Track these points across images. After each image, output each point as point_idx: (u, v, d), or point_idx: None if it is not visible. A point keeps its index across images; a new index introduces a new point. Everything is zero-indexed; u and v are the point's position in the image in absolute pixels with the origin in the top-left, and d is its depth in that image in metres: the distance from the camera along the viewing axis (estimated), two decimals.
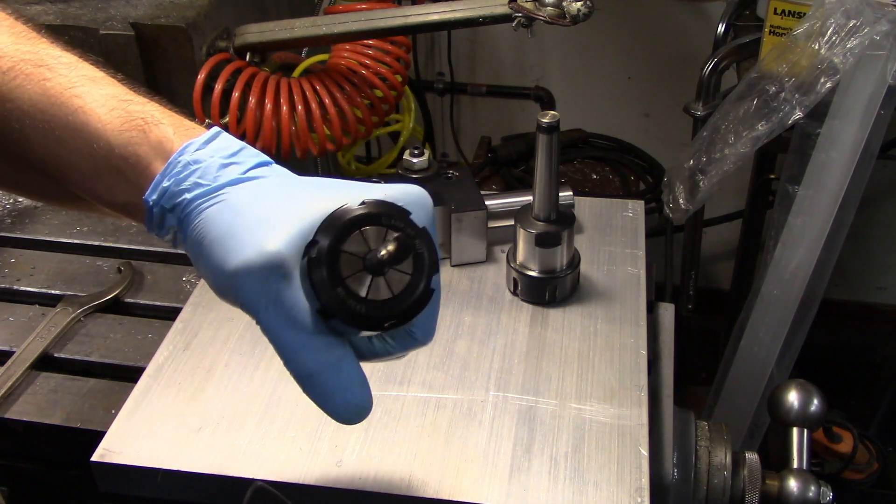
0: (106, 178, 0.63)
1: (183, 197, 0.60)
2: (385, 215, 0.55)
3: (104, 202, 0.65)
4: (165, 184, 0.61)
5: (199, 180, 0.61)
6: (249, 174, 0.62)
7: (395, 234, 0.56)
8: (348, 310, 0.54)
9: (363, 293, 0.54)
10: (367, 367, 1.02)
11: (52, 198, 0.72)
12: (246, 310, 0.59)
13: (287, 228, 0.58)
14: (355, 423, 0.63)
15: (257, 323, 0.59)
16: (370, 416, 0.94)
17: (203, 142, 0.62)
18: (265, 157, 0.64)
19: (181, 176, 0.61)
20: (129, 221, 0.67)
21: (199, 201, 0.60)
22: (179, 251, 0.65)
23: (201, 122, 1.40)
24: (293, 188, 0.62)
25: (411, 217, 0.57)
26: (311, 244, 0.54)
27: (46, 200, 0.72)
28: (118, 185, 0.63)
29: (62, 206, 0.73)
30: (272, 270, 0.57)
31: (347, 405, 0.62)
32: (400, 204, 0.58)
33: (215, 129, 0.64)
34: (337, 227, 0.55)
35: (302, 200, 0.60)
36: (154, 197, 0.61)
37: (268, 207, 0.60)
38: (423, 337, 0.66)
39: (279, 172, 0.64)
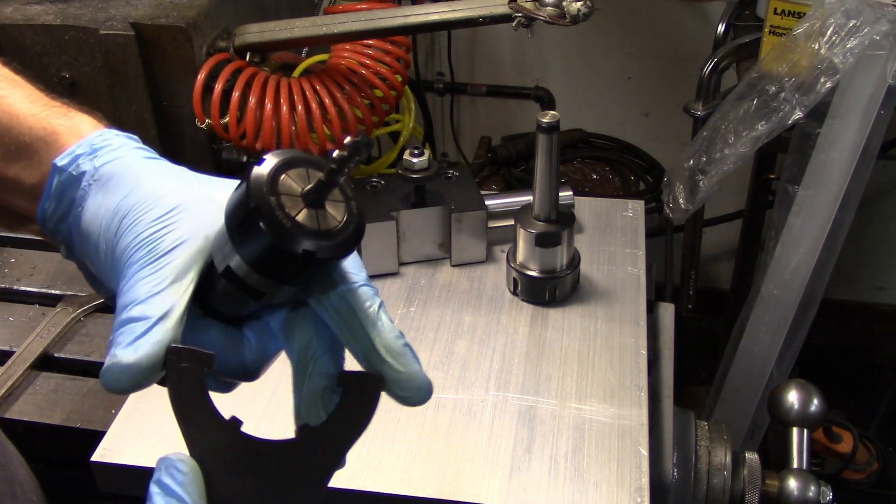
0: (19, 161, 0.63)
1: (93, 163, 0.61)
2: (334, 169, 0.52)
3: (12, 189, 0.65)
4: (78, 151, 0.61)
5: (112, 153, 0.61)
6: (159, 158, 0.63)
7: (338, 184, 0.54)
8: (274, 217, 0.50)
9: (293, 214, 0.52)
10: None
11: None
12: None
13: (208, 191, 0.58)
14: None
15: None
16: None
17: (121, 133, 0.64)
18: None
19: (95, 146, 0.61)
20: (21, 229, 0.67)
21: (106, 165, 0.60)
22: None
23: (201, 122, 1.41)
24: (201, 174, 0.63)
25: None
26: (256, 163, 0.53)
27: None
28: (30, 165, 0.63)
29: None
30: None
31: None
32: None
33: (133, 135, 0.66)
34: (287, 154, 0.54)
35: (213, 178, 0.61)
36: (64, 162, 0.61)
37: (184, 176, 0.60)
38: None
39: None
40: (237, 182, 0.56)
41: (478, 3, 1.31)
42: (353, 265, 0.58)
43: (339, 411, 0.56)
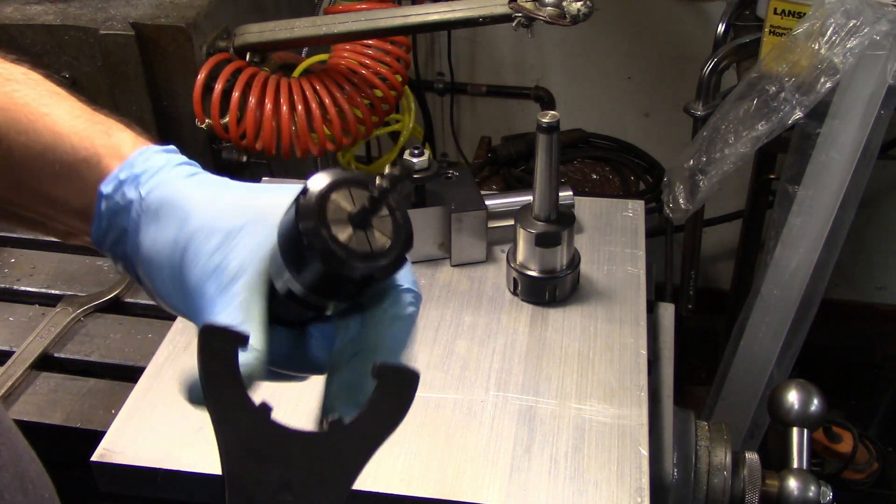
0: (64, 181, 0.64)
1: (139, 190, 0.62)
2: (370, 183, 0.55)
3: (61, 211, 0.66)
4: (122, 176, 0.62)
5: (155, 178, 0.62)
6: (200, 173, 0.64)
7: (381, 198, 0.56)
8: (327, 249, 0.52)
9: (343, 239, 0.53)
10: None
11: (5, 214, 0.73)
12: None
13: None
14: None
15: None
16: None
17: (160, 149, 0.65)
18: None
19: (136, 171, 0.62)
20: (76, 242, 0.68)
21: (153, 194, 0.62)
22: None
23: (202, 122, 1.41)
24: (242, 183, 0.65)
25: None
26: (302, 192, 0.55)
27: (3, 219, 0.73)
28: (75, 187, 0.64)
29: (10, 223, 0.73)
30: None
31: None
32: None
33: (171, 145, 0.67)
34: (330, 177, 0.55)
35: (256, 189, 0.63)
36: (109, 189, 0.62)
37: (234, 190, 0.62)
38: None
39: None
40: (277, 188, 0.59)
41: (478, 3, 1.31)
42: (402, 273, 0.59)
43: (372, 405, 0.55)
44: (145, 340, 1.13)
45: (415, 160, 1.17)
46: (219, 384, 0.54)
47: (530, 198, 1.10)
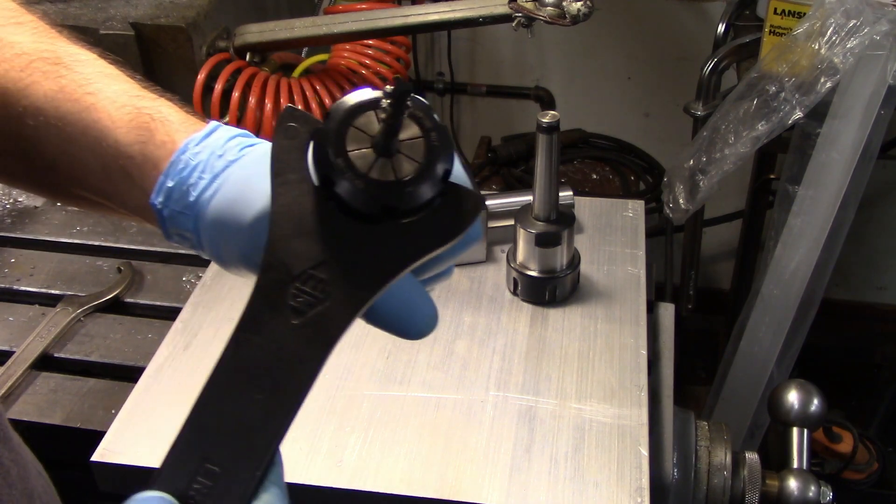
0: (116, 180, 0.63)
1: (191, 196, 0.60)
2: (400, 97, 0.50)
3: (119, 205, 0.65)
4: (170, 184, 0.60)
5: (203, 174, 0.60)
6: (244, 151, 0.61)
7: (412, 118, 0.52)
8: (346, 183, 0.50)
9: (365, 170, 0.50)
10: (367, 365, 1.02)
11: (69, 198, 0.71)
12: None
13: None
14: (428, 335, 0.59)
15: None
16: (370, 415, 0.95)
17: (203, 136, 0.62)
18: (258, 140, 0.64)
19: (185, 174, 0.60)
20: (152, 226, 0.66)
21: (205, 195, 0.60)
22: (189, 252, 0.64)
23: None
24: None
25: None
26: (325, 116, 0.52)
27: (65, 201, 0.71)
28: (127, 187, 0.62)
29: (81, 207, 0.71)
30: None
31: (424, 316, 0.57)
32: None
33: (214, 123, 0.64)
34: (352, 101, 0.52)
35: None
36: (160, 199, 0.60)
37: (265, 165, 0.59)
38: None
39: (268, 145, 0.63)
40: None
41: (478, 3, 1.31)
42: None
43: (431, 214, 0.53)
44: (145, 340, 1.13)
45: None
46: (285, 158, 0.54)
47: (530, 198, 1.10)
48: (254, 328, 0.52)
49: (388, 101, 0.50)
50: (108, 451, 0.91)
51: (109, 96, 0.63)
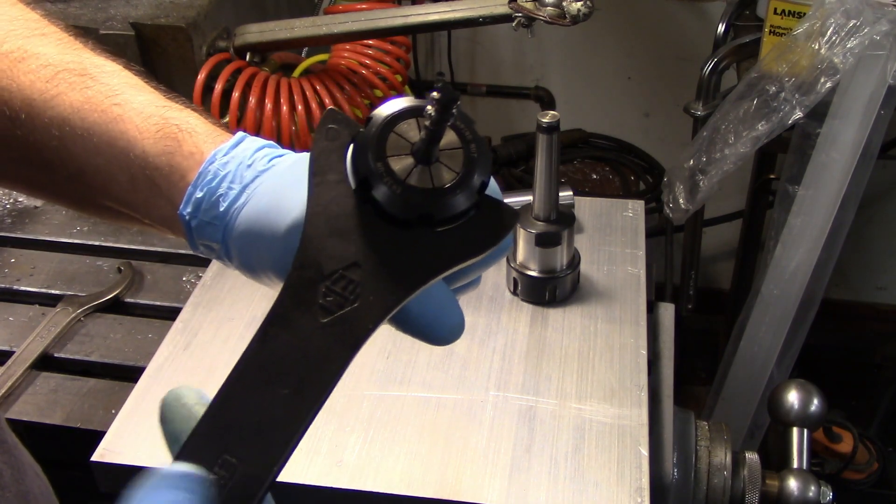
0: (142, 190, 0.62)
1: (221, 207, 0.60)
2: (446, 106, 0.50)
3: (144, 216, 0.64)
4: (198, 195, 0.60)
5: (232, 185, 0.60)
6: (273, 162, 0.61)
7: (454, 128, 0.53)
8: (384, 188, 0.50)
9: (404, 176, 0.51)
10: (367, 365, 1.02)
11: (93, 209, 0.71)
12: None
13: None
14: (453, 342, 0.59)
15: None
16: (370, 416, 0.95)
17: (230, 146, 0.62)
18: (284, 150, 0.64)
19: (214, 184, 0.60)
20: (177, 236, 0.65)
21: (236, 205, 0.60)
22: (190, 252, 0.64)
23: None
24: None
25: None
26: (366, 121, 0.53)
27: (88, 211, 0.70)
28: (154, 198, 0.62)
29: (103, 217, 0.71)
30: None
31: (452, 324, 0.57)
32: None
33: (241, 133, 0.64)
34: (395, 107, 0.53)
35: None
36: (189, 210, 0.60)
37: (297, 175, 0.59)
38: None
39: (297, 155, 0.63)
40: None
41: (478, 3, 1.31)
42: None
43: (466, 224, 0.53)
44: (145, 340, 1.13)
45: None
46: (324, 158, 0.54)
47: (530, 198, 1.10)
48: (282, 324, 0.52)
49: (434, 108, 0.50)
50: (108, 452, 0.91)
51: (136, 107, 0.63)
